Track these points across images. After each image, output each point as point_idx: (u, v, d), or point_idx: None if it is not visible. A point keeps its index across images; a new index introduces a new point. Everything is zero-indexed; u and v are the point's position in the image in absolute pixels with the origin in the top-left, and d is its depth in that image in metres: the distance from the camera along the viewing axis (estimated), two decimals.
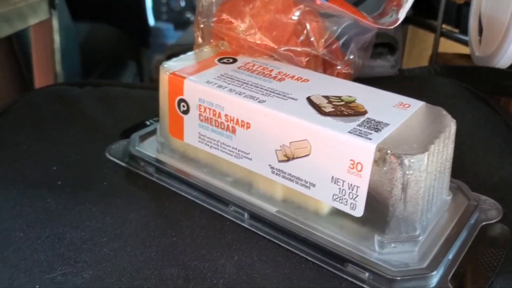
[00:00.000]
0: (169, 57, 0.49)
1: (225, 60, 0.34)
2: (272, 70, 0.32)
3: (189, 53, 0.35)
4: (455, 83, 0.44)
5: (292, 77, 0.32)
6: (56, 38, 0.57)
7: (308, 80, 0.31)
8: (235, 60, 0.34)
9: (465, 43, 0.60)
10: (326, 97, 0.29)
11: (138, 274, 0.24)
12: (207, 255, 0.26)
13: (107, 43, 0.98)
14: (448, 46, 0.69)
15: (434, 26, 0.69)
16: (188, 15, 1.14)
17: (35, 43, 0.54)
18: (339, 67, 0.36)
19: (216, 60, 0.34)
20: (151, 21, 1.12)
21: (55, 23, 0.56)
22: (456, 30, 0.67)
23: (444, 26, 0.68)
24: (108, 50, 0.96)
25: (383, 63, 0.48)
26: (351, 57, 0.36)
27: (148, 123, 0.39)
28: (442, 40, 0.69)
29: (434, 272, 0.24)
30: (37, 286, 0.22)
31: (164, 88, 0.32)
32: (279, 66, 0.33)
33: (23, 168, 0.32)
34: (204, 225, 0.29)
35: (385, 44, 0.48)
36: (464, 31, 0.61)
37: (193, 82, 0.31)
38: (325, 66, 0.36)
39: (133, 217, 0.29)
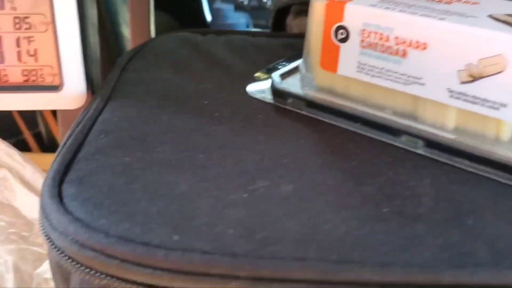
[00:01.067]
0: (278, 11, 0.48)
1: None
2: None
3: None
4: None
5: (459, 0, 0.30)
6: None
7: (477, 3, 0.29)
8: None
9: None
10: (509, 15, 0.27)
11: (340, 189, 0.23)
12: (394, 178, 0.25)
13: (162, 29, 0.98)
14: None
15: None
16: None
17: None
18: None
19: None
20: (207, 11, 1.12)
21: None
22: None
23: None
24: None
25: None
26: None
27: (279, 66, 0.37)
28: None
29: None
30: (245, 195, 0.21)
31: (317, 18, 0.31)
32: None
33: (177, 101, 0.31)
34: (377, 154, 0.27)
35: None
36: None
37: (355, 6, 0.29)
38: None
39: (302, 143, 0.27)
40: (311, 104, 0.32)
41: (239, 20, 1.07)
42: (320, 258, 0.18)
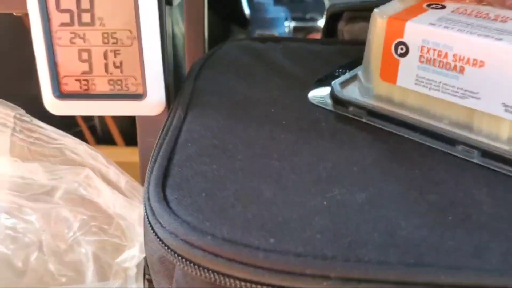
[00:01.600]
0: (331, 16, 0.50)
1: (434, 6, 0.34)
2: (488, 13, 0.32)
3: (394, 0, 0.36)
4: None
5: None
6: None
7: None
8: (443, 6, 0.34)
9: None
10: None
11: (407, 197, 0.25)
12: (455, 186, 0.27)
13: None
14: None
15: None
16: None
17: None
18: None
19: (424, 6, 0.34)
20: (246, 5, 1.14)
21: None
22: None
23: None
24: None
25: None
26: None
27: (336, 73, 0.40)
28: None
29: None
30: (325, 202, 0.24)
31: (378, 32, 0.33)
32: (494, 10, 0.33)
33: (247, 109, 0.33)
34: (437, 162, 0.29)
35: None
36: None
37: (415, 24, 0.31)
38: None
39: (367, 151, 0.30)
40: (371, 112, 0.34)
41: (279, 14, 1.09)
42: (400, 262, 0.20)
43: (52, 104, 0.34)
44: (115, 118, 0.73)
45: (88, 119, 0.74)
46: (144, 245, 0.27)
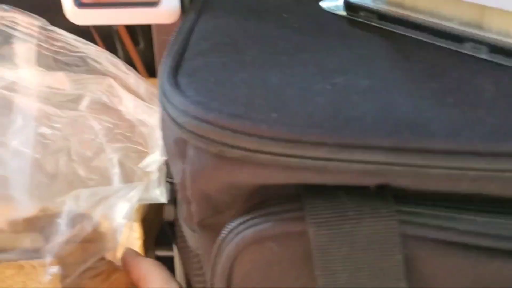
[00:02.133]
0: None
1: None
2: None
3: None
4: None
5: None
6: None
7: None
8: None
9: None
10: None
11: (410, 84, 0.26)
12: (459, 77, 0.27)
13: None
14: None
15: None
16: None
17: None
18: None
19: None
20: None
21: None
22: None
23: None
24: None
25: None
26: None
27: None
28: None
29: None
30: (328, 87, 0.25)
31: None
32: None
33: (259, 13, 0.34)
34: (443, 58, 0.30)
35: None
36: None
37: None
38: None
39: (375, 49, 0.31)
40: (382, 16, 0.34)
41: None
42: (395, 131, 0.22)
43: (73, 13, 0.35)
44: (138, 50, 0.74)
45: (110, 47, 0.75)
46: (162, 135, 0.29)
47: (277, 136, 0.22)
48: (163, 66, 0.28)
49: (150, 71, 0.81)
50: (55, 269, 0.31)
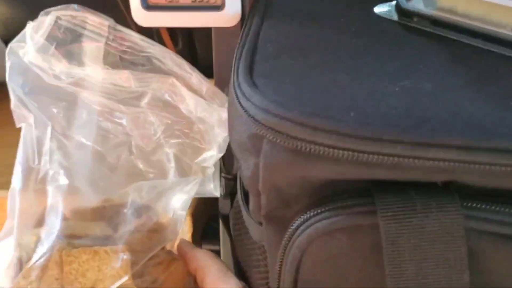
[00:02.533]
0: None
1: None
2: None
3: None
4: None
5: None
6: None
7: None
8: None
9: None
10: None
11: (469, 88, 0.28)
12: None
13: None
14: None
15: None
16: None
17: None
18: None
19: None
20: None
21: None
22: None
23: None
24: None
25: None
26: None
27: None
28: None
29: None
30: (396, 89, 0.27)
31: None
32: None
33: (317, 18, 0.36)
34: (497, 63, 0.31)
35: None
36: None
37: None
38: None
39: (431, 54, 0.32)
40: (435, 22, 0.36)
41: None
42: (465, 131, 0.23)
43: (140, 15, 0.37)
44: (177, 51, 0.76)
45: None
46: (231, 132, 0.31)
47: (356, 133, 0.24)
48: (237, 67, 0.29)
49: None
50: (126, 255, 0.33)
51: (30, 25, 0.38)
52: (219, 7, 0.37)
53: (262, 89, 0.27)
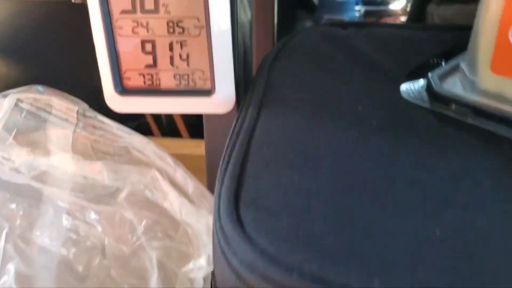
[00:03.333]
0: None
1: None
2: None
3: None
4: None
5: None
6: None
7: None
8: None
9: None
10: None
11: None
12: None
13: None
14: None
15: None
16: None
17: None
18: None
19: None
20: None
21: None
22: None
23: None
24: None
25: None
26: None
27: (431, 63, 0.34)
28: None
29: None
30: (437, 230, 0.19)
31: (491, 15, 0.28)
32: None
33: (329, 105, 0.29)
34: None
35: None
36: None
37: None
38: None
39: (478, 161, 0.25)
40: (478, 111, 0.28)
41: None
42: None
43: (114, 100, 0.31)
44: None
45: None
46: (214, 268, 0.24)
47: None
48: (220, 184, 0.22)
49: (192, 131, 0.77)
50: None
51: None
52: (208, 92, 0.30)
53: (249, 229, 0.19)
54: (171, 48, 0.30)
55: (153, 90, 0.31)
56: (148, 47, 0.30)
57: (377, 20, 1.07)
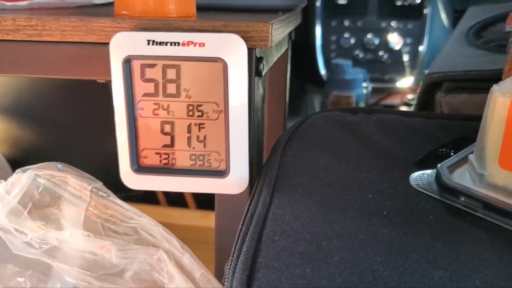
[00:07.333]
0: (428, 86, 0.46)
1: None
2: None
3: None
4: None
5: None
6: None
7: None
8: None
9: None
10: None
11: None
12: None
13: None
14: None
15: None
16: (358, 52, 1.13)
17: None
18: None
19: None
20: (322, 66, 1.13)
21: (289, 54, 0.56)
22: None
23: None
24: None
25: None
26: None
27: (440, 153, 0.35)
28: None
29: None
30: None
31: (498, 113, 0.29)
32: None
33: (340, 193, 0.29)
34: None
35: None
36: None
37: None
38: None
39: (489, 258, 0.25)
40: (488, 206, 0.29)
41: (357, 75, 1.06)
42: None
43: (129, 178, 0.32)
44: None
45: None
46: None
47: None
48: (231, 274, 0.22)
49: (198, 203, 0.77)
50: None
51: (2, 185, 0.33)
52: (223, 173, 0.31)
53: None
54: (189, 130, 0.31)
55: (168, 169, 0.31)
56: (167, 128, 0.31)
57: (384, 97, 1.10)
